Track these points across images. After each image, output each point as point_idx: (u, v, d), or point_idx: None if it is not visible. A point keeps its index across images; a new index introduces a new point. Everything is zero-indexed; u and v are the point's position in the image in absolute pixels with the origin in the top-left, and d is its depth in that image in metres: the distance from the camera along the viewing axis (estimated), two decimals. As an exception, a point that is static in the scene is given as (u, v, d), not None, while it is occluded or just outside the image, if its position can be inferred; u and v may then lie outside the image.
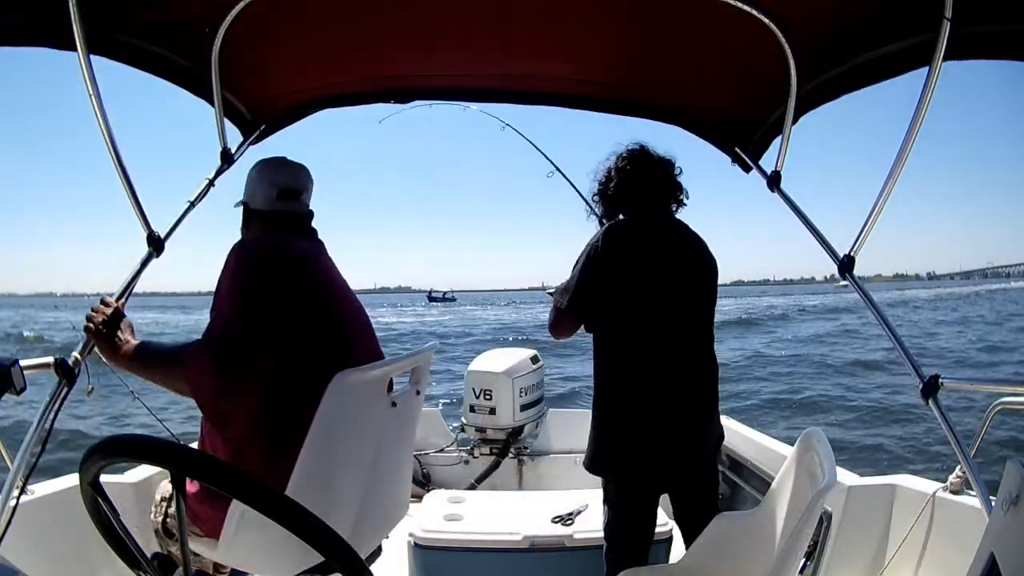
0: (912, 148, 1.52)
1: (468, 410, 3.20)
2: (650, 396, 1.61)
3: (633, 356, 1.63)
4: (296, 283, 1.31)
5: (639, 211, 1.72)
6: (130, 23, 1.57)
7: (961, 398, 5.26)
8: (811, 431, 1.34)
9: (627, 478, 1.68)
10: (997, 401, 1.58)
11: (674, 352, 1.63)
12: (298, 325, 1.27)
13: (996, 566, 0.82)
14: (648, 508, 1.70)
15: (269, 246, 1.36)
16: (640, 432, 1.62)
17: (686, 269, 1.68)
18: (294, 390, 1.22)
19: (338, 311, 1.37)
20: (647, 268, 1.64)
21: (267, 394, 1.23)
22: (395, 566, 1.99)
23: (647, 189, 1.72)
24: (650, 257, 1.65)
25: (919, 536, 1.78)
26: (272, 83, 2.01)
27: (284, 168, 1.49)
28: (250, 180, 1.48)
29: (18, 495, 1.27)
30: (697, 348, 1.68)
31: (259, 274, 1.28)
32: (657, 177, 1.73)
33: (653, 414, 1.61)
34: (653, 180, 1.72)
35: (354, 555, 0.68)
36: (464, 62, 1.99)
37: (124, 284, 1.60)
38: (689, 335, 1.67)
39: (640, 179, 1.72)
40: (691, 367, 1.66)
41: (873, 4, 1.48)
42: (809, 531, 1.12)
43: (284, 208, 1.44)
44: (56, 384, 1.40)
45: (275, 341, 1.23)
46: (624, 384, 1.64)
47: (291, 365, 1.24)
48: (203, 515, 1.25)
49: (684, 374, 1.64)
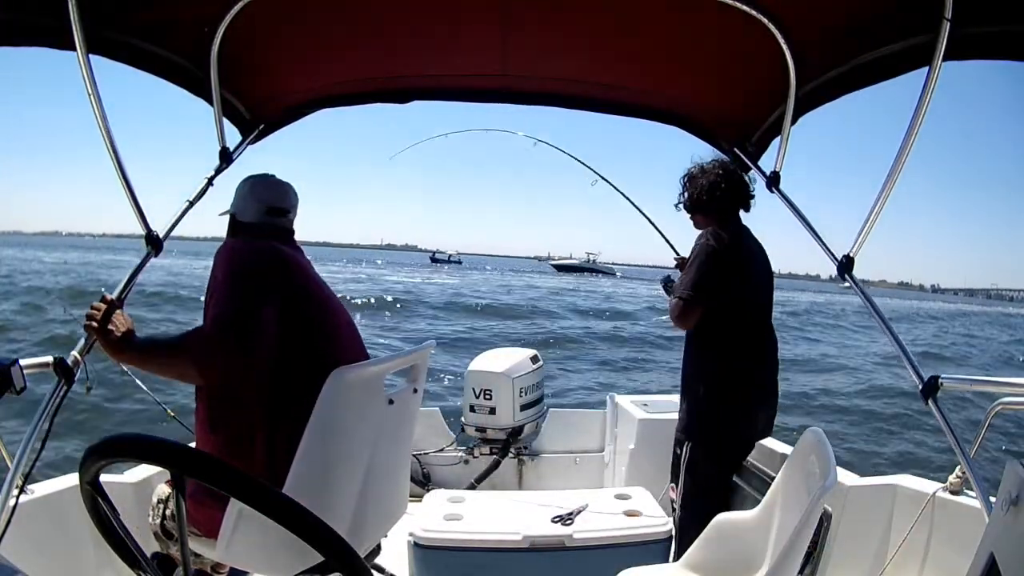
0: (912, 148, 1.52)
1: (468, 410, 3.19)
2: (771, 372, 2.08)
3: (758, 337, 2.06)
4: (285, 280, 1.34)
5: (735, 220, 2.10)
6: (129, 23, 1.57)
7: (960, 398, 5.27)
8: (811, 431, 1.34)
9: (743, 437, 2.07)
10: (997, 401, 1.58)
11: (771, 334, 2.10)
12: (290, 320, 1.28)
13: (996, 566, 0.82)
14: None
15: (258, 248, 1.40)
16: (764, 399, 2.06)
17: (769, 270, 2.13)
18: (290, 387, 1.22)
19: (323, 310, 1.40)
20: (757, 268, 2.07)
21: (264, 392, 1.23)
22: (395, 565, 1.99)
23: (742, 202, 2.10)
24: (756, 259, 2.08)
25: (919, 536, 1.78)
26: (271, 83, 2.01)
27: (274, 188, 1.54)
28: (240, 195, 1.53)
29: (18, 495, 1.27)
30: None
31: (253, 268, 1.32)
32: (745, 193, 2.10)
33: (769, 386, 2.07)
34: (744, 195, 2.10)
35: (354, 554, 0.67)
36: (464, 62, 1.99)
37: (123, 283, 1.60)
38: (771, 321, 2.13)
39: (741, 193, 2.09)
40: (775, 345, 2.12)
41: (873, 4, 1.48)
42: (809, 531, 1.12)
43: (271, 222, 1.50)
44: (55, 383, 1.40)
45: (271, 331, 1.24)
46: (749, 360, 2.02)
47: (286, 361, 1.24)
48: (202, 515, 1.25)
49: (775, 350, 2.12)
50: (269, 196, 1.52)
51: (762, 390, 2.04)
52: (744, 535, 1.50)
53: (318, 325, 1.33)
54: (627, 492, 2.27)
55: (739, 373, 1.99)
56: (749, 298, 2.03)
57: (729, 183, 2.05)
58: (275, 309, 1.27)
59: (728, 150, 2.17)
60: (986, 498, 1.37)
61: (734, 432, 2.02)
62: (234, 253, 1.36)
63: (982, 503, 1.39)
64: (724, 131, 2.16)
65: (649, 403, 3.25)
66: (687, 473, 2.02)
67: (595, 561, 1.91)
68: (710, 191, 2.05)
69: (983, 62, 1.45)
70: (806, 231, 1.85)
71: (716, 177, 2.05)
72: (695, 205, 2.10)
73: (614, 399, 3.37)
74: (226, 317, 1.24)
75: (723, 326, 1.99)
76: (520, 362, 3.17)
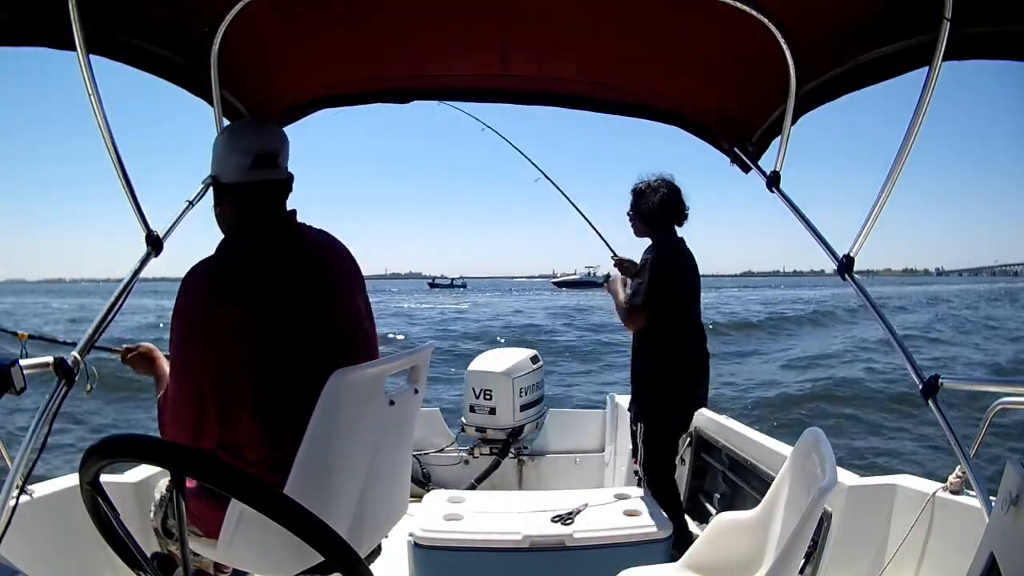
0: (912, 147, 1.52)
1: (468, 410, 3.20)
2: (702, 359, 2.55)
3: (691, 331, 2.51)
4: (247, 300, 1.23)
5: (672, 232, 2.52)
6: (129, 23, 1.56)
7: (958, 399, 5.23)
8: (811, 431, 1.34)
9: (682, 416, 2.57)
10: (997, 401, 1.57)
11: (701, 328, 2.57)
12: (268, 330, 1.24)
13: (996, 566, 0.82)
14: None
15: (210, 269, 1.26)
16: (699, 381, 2.56)
17: (698, 274, 2.56)
18: (290, 390, 1.22)
19: (316, 312, 1.30)
20: (692, 276, 2.50)
21: (264, 395, 1.23)
22: (395, 566, 1.99)
23: (679, 217, 2.52)
24: (691, 268, 2.50)
25: (919, 536, 1.78)
26: (271, 83, 2.01)
27: (255, 130, 1.36)
28: (216, 150, 1.33)
29: (17, 495, 1.27)
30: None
31: (195, 315, 1.24)
32: (681, 210, 2.51)
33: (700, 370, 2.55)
34: (681, 211, 2.52)
35: (354, 555, 0.67)
36: (464, 62, 1.99)
37: (123, 283, 1.60)
38: (700, 316, 2.60)
39: (679, 209, 2.51)
40: (704, 336, 2.59)
41: (873, 4, 1.48)
42: (809, 531, 1.12)
43: (260, 178, 1.30)
44: (55, 384, 1.40)
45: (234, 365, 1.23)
46: (678, 349, 2.47)
47: (275, 366, 1.24)
48: (202, 515, 1.25)
49: (704, 340, 2.58)
50: (252, 142, 1.30)
51: (696, 374, 2.54)
52: (744, 535, 1.50)
53: (309, 327, 1.28)
54: (627, 492, 2.27)
55: (677, 362, 2.47)
56: (685, 302, 2.48)
57: (671, 199, 2.47)
58: (233, 340, 1.21)
59: (728, 150, 2.17)
60: (986, 498, 1.37)
61: (676, 410, 2.53)
62: (182, 285, 1.24)
63: (982, 503, 1.39)
64: (724, 131, 2.16)
65: None
66: (644, 447, 2.48)
67: (595, 561, 1.91)
68: (658, 205, 2.46)
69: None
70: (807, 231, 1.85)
71: (660, 194, 2.46)
72: (641, 216, 2.50)
73: (614, 399, 3.37)
74: (180, 398, 1.24)
75: (664, 325, 2.43)
76: (520, 362, 3.18)
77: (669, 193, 2.47)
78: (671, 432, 2.54)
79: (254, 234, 1.32)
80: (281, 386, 1.24)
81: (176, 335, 1.25)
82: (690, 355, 2.50)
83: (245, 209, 1.33)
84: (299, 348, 1.26)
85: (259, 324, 1.24)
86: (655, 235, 2.49)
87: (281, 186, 1.35)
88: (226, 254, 1.31)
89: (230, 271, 1.26)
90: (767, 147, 2.09)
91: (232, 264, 1.28)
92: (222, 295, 1.22)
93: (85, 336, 1.50)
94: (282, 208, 1.37)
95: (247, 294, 1.24)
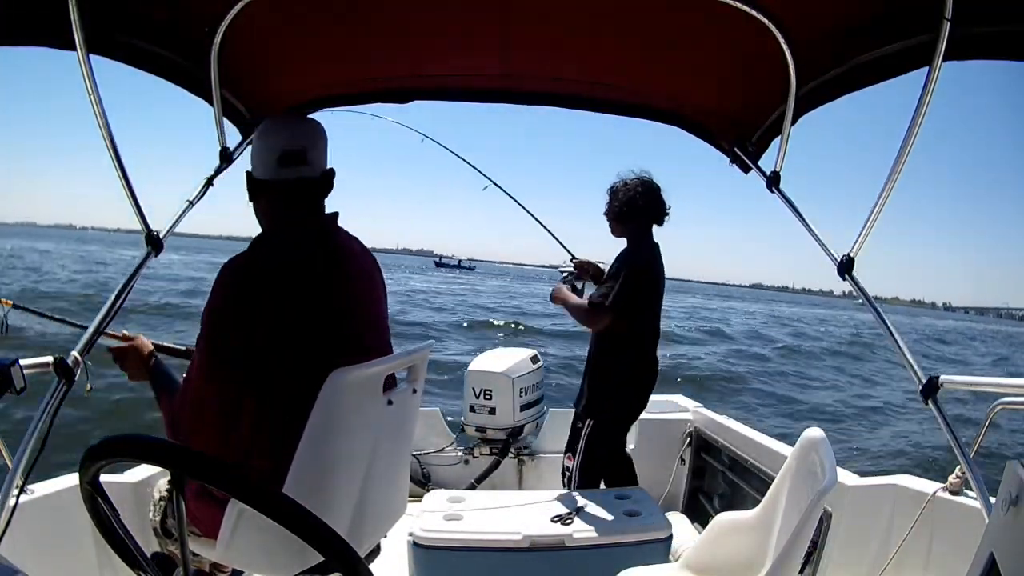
0: (912, 148, 1.52)
1: (468, 410, 3.19)
2: (656, 363, 2.52)
3: (652, 335, 2.49)
4: (266, 303, 1.21)
5: (648, 234, 2.44)
6: (130, 23, 1.57)
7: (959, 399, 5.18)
8: (811, 431, 1.34)
9: (630, 421, 2.57)
10: (997, 401, 1.57)
11: (658, 331, 2.54)
12: (282, 331, 1.23)
13: (996, 566, 0.82)
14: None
15: (244, 267, 1.25)
16: (650, 384, 2.50)
17: (664, 280, 2.49)
18: (292, 389, 1.22)
19: (333, 315, 1.29)
20: (661, 283, 2.47)
21: (265, 395, 1.23)
22: (395, 566, 1.99)
23: (656, 218, 2.44)
24: (662, 276, 2.46)
25: (919, 536, 1.78)
26: (271, 83, 2.01)
27: (285, 127, 1.31)
28: (253, 145, 1.33)
29: (18, 495, 1.27)
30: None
31: (226, 298, 1.22)
32: (660, 210, 2.43)
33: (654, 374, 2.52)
34: (659, 212, 2.44)
35: (354, 555, 0.67)
36: (464, 62, 1.99)
37: (123, 283, 1.60)
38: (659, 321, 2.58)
39: (657, 209, 2.43)
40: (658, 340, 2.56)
41: (873, 4, 1.48)
42: (809, 531, 1.12)
43: (288, 176, 1.27)
44: (55, 384, 1.40)
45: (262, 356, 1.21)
46: (649, 357, 2.47)
47: (297, 371, 1.23)
48: (201, 515, 1.25)
49: (657, 345, 2.55)
50: (279, 139, 1.27)
51: (652, 382, 2.51)
52: (744, 535, 1.50)
53: (322, 330, 1.27)
54: (627, 492, 2.27)
55: (647, 368, 2.47)
56: (653, 308, 2.45)
57: (646, 200, 2.39)
58: (253, 336, 1.20)
59: (728, 150, 2.17)
60: (986, 498, 1.37)
61: (627, 411, 2.51)
62: (216, 282, 1.23)
63: (982, 503, 1.38)
64: (724, 131, 2.16)
65: (649, 403, 3.25)
66: (586, 446, 2.42)
67: (595, 561, 1.91)
68: (629, 205, 2.38)
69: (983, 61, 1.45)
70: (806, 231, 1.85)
71: (635, 193, 2.39)
72: (616, 216, 2.43)
73: None
74: (206, 398, 1.22)
75: (629, 328, 2.38)
76: (520, 362, 3.17)
77: (645, 192, 2.40)
78: (618, 435, 2.54)
79: (290, 233, 1.29)
80: (299, 387, 1.23)
81: (207, 332, 1.22)
82: (650, 361, 2.49)
83: (278, 207, 1.31)
84: (321, 351, 1.25)
85: (289, 326, 1.23)
86: (631, 236, 2.45)
87: (312, 184, 1.29)
88: (261, 252, 1.28)
89: (265, 271, 1.24)
90: (767, 147, 2.09)
91: (267, 263, 1.26)
92: (255, 294, 1.21)
93: (85, 336, 1.50)
94: (316, 207, 1.33)
95: (280, 295, 1.22)
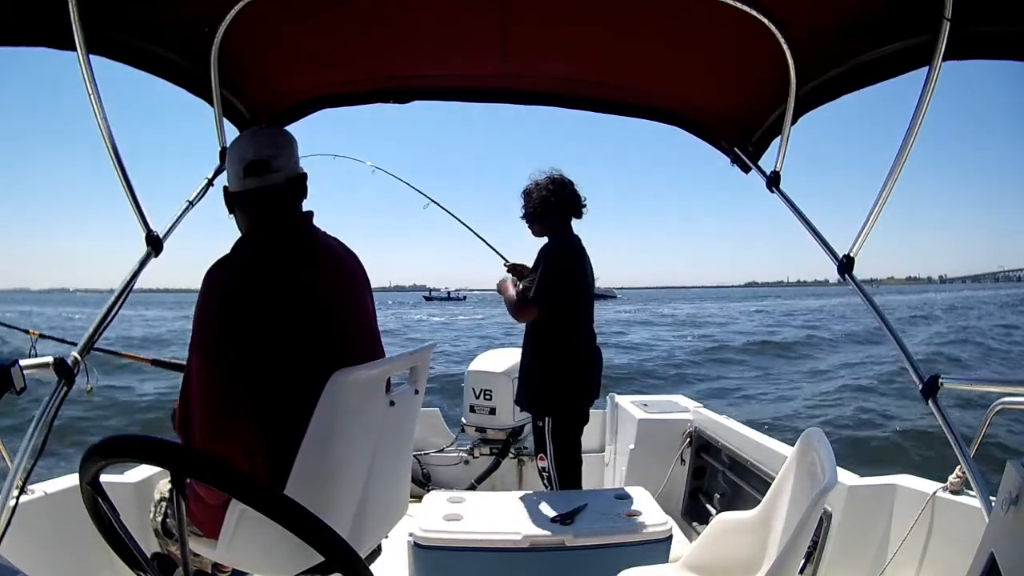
0: (912, 148, 1.52)
1: (468, 410, 3.20)
2: (596, 351, 2.55)
3: (585, 324, 2.51)
4: (254, 307, 1.23)
5: (568, 229, 2.49)
6: (130, 23, 1.56)
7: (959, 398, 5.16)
8: (811, 431, 1.34)
9: (584, 408, 2.53)
10: (997, 401, 1.57)
11: (592, 321, 2.57)
12: (273, 333, 1.24)
13: (996, 566, 0.82)
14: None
15: (226, 266, 1.27)
16: (595, 372, 2.52)
17: (591, 271, 2.55)
18: (292, 391, 1.22)
19: (320, 316, 1.30)
20: (586, 273, 2.50)
21: (257, 392, 1.23)
22: (395, 566, 1.99)
23: (574, 212, 2.50)
24: (586, 265, 2.50)
25: (919, 536, 1.78)
26: (271, 83, 2.01)
27: (250, 140, 1.34)
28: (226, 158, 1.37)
29: (18, 495, 1.27)
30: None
31: (218, 301, 1.24)
32: (576, 204, 2.49)
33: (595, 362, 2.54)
34: (575, 206, 2.49)
35: (354, 555, 0.68)
36: (463, 62, 1.99)
37: (123, 283, 1.60)
38: (592, 310, 2.61)
39: (572, 204, 2.48)
40: (593, 330, 2.58)
41: (873, 4, 1.48)
42: (809, 531, 1.12)
43: (253, 186, 1.29)
44: (55, 384, 1.40)
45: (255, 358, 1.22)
46: (580, 343, 2.48)
47: (286, 368, 1.24)
48: (202, 515, 1.25)
49: (594, 334, 2.58)
50: (244, 151, 1.29)
51: (591, 363, 2.52)
52: (744, 535, 1.50)
53: (311, 331, 1.28)
54: (627, 492, 2.27)
55: (576, 351, 2.47)
56: (580, 298, 2.47)
57: (559, 197, 2.45)
58: (246, 338, 1.21)
59: (728, 150, 2.17)
60: (986, 498, 1.37)
61: (578, 401, 2.51)
62: (202, 285, 1.24)
63: (982, 503, 1.38)
64: (724, 131, 2.16)
65: (649, 403, 3.25)
66: (554, 441, 2.44)
67: (595, 561, 1.91)
68: (543, 204, 2.44)
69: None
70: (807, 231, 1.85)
71: (547, 192, 2.44)
72: (532, 217, 2.48)
73: (614, 399, 3.37)
74: (198, 397, 1.22)
75: (558, 317, 2.42)
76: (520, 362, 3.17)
77: (557, 190, 2.46)
78: (577, 423, 2.53)
79: (269, 235, 1.32)
80: (290, 385, 1.23)
81: (198, 330, 1.23)
82: (584, 343, 2.49)
83: (250, 215, 1.34)
84: (309, 347, 1.26)
85: (274, 322, 1.24)
86: (551, 234, 2.48)
87: (278, 190, 1.31)
88: (242, 253, 1.31)
89: (246, 269, 1.26)
90: (767, 147, 2.09)
91: (248, 262, 1.28)
92: (239, 291, 1.23)
93: (85, 336, 1.51)
94: (289, 210, 1.35)
95: (263, 292, 1.24)
